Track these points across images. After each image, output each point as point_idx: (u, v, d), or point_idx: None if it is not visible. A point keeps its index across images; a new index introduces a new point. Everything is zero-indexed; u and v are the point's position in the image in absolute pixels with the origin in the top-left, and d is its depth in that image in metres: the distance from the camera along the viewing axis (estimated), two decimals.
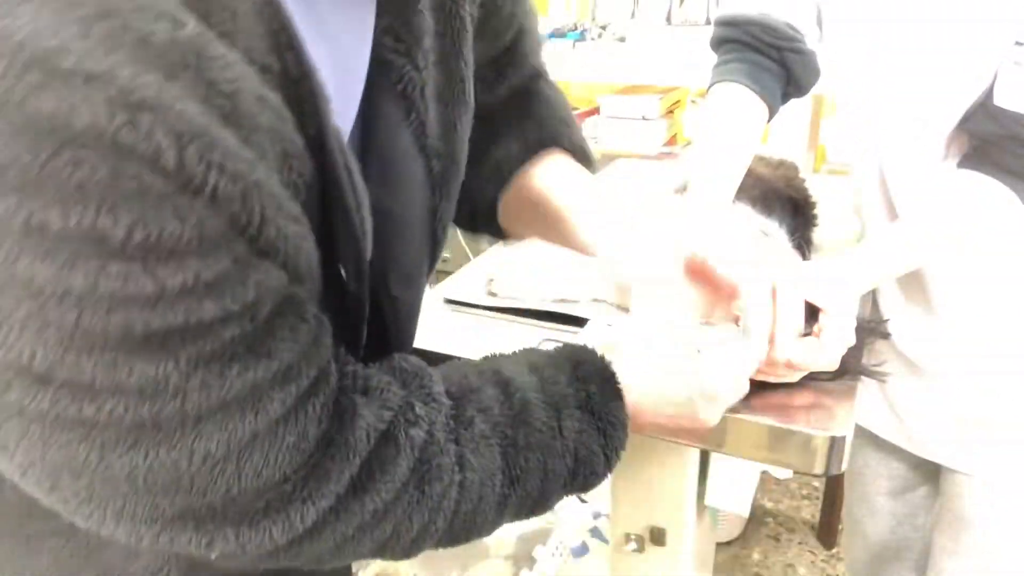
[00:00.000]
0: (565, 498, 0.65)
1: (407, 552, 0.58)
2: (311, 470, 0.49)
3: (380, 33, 0.56)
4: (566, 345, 0.66)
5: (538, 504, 0.62)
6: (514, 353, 0.65)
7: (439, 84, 0.62)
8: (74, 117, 0.34)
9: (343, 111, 0.52)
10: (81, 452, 0.42)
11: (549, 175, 0.77)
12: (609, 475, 0.65)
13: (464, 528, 0.58)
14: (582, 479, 0.63)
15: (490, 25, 0.72)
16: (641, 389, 0.65)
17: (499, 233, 0.83)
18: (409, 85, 0.58)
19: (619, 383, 0.63)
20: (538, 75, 0.81)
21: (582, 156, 0.79)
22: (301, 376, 0.48)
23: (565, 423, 0.60)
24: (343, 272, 0.54)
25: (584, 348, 0.66)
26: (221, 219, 0.40)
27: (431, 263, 0.68)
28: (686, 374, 0.67)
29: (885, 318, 1.07)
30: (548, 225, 0.77)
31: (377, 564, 2.10)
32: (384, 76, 0.57)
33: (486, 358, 0.65)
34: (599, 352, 0.65)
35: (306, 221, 0.47)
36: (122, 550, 0.60)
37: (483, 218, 0.81)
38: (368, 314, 0.59)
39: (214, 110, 0.39)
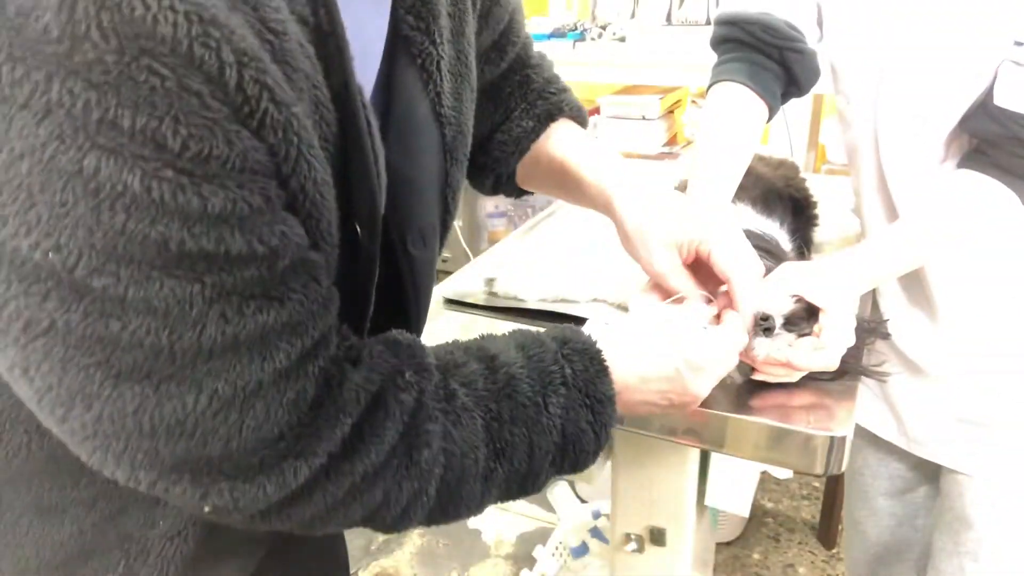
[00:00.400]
0: (557, 478, 0.65)
1: (397, 523, 0.58)
2: (304, 429, 0.51)
3: (403, 12, 0.62)
4: (555, 327, 0.67)
5: (527, 480, 0.62)
6: (503, 335, 0.67)
7: (451, 59, 0.67)
8: (158, 25, 0.38)
9: (363, 72, 0.55)
10: (97, 378, 0.44)
11: (562, 143, 0.86)
12: (601, 455, 0.65)
13: (452, 501, 0.59)
14: (572, 457, 0.63)
15: (493, 15, 0.79)
16: (627, 366, 0.65)
17: (516, 193, 0.93)
18: (428, 59, 0.64)
19: (605, 360, 0.64)
20: (528, 44, 0.89)
21: (580, 117, 0.89)
22: (307, 334, 0.50)
23: (551, 399, 0.61)
24: (358, 230, 0.57)
25: (571, 328, 0.66)
26: (262, 152, 0.44)
27: (443, 229, 0.72)
28: (668, 346, 0.67)
29: (885, 318, 1.07)
30: (567, 187, 0.85)
31: (377, 564, 2.10)
32: (405, 51, 0.62)
33: (474, 339, 0.66)
34: (585, 332, 0.66)
35: (329, 172, 0.50)
36: (141, 518, 0.62)
37: (504, 184, 0.91)
38: (387, 274, 0.63)
39: (265, 44, 0.44)
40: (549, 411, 0.61)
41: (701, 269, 0.77)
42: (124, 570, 0.63)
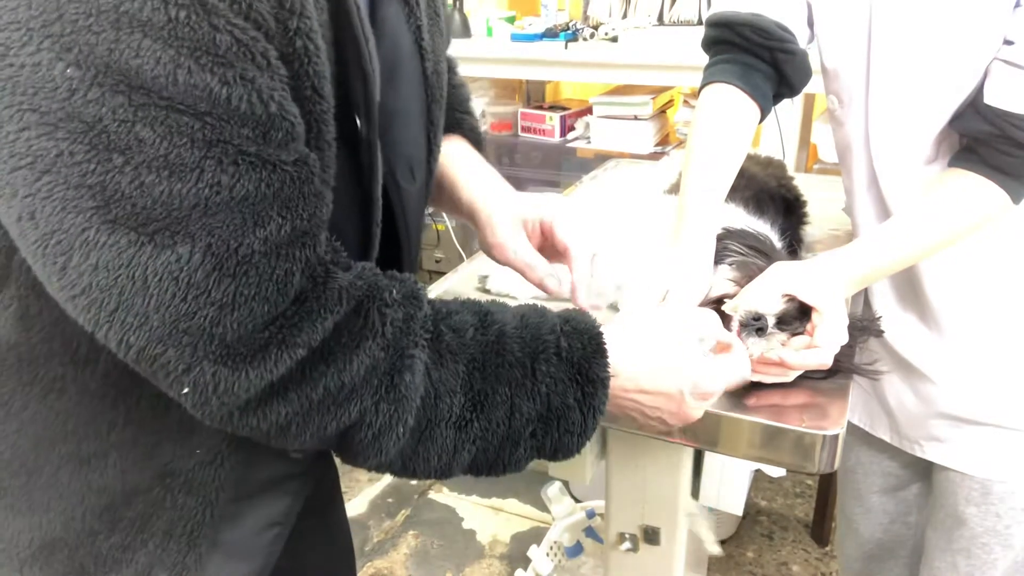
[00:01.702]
0: (539, 455, 0.65)
1: (367, 449, 0.58)
2: (287, 321, 0.53)
3: None
4: (563, 308, 0.68)
5: (504, 446, 0.62)
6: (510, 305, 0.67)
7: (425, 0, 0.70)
8: None
9: None
10: (95, 222, 0.47)
11: (447, 157, 0.87)
12: (589, 440, 0.64)
13: (422, 443, 0.59)
14: (556, 433, 0.63)
15: None
16: (631, 367, 0.65)
17: None
18: None
19: (604, 343, 0.64)
20: (454, 65, 0.92)
21: (475, 140, 0.92)
22: (297, 213, 0.52)
23: (540, 366, 0.61)
24: (357, 120, 0.59)
25: (578, 310, 0.67)
26: (265, 6, 0.47)
27: (429, 171, 0.75)
28: (679, 365, 0.67)
29: (878, 316, 1.07)
30: (443, 196, 0.88)
31: (372, 565, 2.10)
32: None
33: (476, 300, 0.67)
34: (592, 316, 0.66)
35: (324, 47, 0.52)
36: (178, 448, 0.63)
37: None
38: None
39: None
40: (535, 376, 0.61)
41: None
42: (170, 504, 0.64)
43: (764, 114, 1.03)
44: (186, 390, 0.52)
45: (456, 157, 0.86)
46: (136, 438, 0.62)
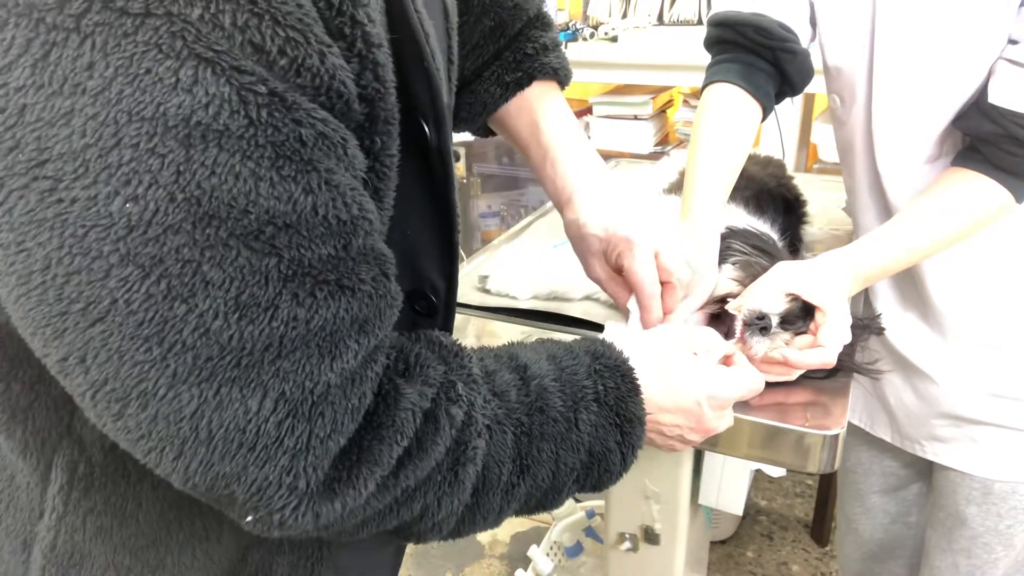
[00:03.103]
0: (577, 492, 0.64)
1: (425, 535, 0.57)
2: (361, 454, 0.49)
3: None
4: (584, 337, 0.66)
5: (547, 497, 0.61)
6: (532, 343, 0.65)
7: None
8: None
9: None
10: (152, 375, 0.42)
11: (537, 116, 0.80)
12: (624, 475, 0.64)
13: (470, 513, 0.57)
14: (596, 476, 0.62)
15: None
16: (650, 385, 0.64)
17: (487, 133, 0.88)
18: None
19: (637, 379, 0.62)
20: None
21: (560, 76, 0.83)
22: (372, 333, 0.48)
23: (581, 416, 0.60)
24: (424, 126, 0.55)
25: (602, 341, 0.65)
26: (345, 72, 0.42)
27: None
28: (693, 380, 0.66)
29: (879, 314, 1.07)
30: (528, 157, 0.82)
31: None
32: None
33: (501, 346, 0.65)
34: (617, 346, 0.64)
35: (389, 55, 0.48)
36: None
37: (474, 133, 0.88)
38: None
39: None
40: (579, 428, 0.60)
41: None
42: (288, 547, 0.61)
43: (766, 113, 1.03)
44: (249, 519, 0.48)
45: (547, 123, 0.79)
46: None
